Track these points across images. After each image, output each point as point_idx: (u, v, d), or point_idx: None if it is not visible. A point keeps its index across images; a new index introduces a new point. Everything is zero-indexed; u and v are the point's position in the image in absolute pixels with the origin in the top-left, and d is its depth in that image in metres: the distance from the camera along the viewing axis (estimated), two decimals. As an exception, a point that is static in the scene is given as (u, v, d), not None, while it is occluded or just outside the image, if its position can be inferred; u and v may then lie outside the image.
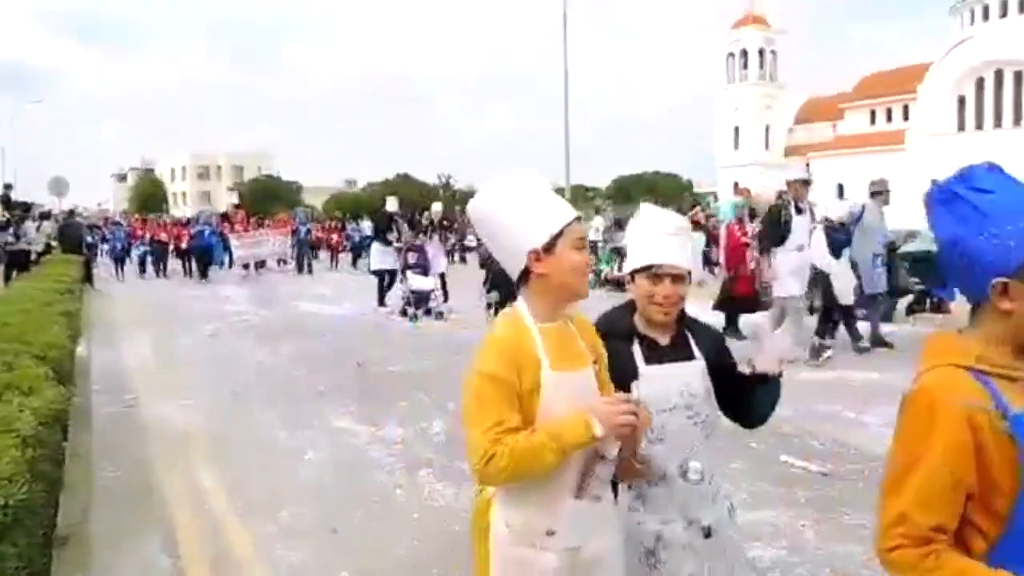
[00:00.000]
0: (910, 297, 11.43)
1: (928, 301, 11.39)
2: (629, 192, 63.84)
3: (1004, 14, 50.83)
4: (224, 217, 23.25)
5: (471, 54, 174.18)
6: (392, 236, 12.05)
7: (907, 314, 11.05)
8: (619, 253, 18.70)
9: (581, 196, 56.46)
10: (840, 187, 60.26)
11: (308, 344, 9.08)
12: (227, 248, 20.07)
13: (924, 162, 52.39)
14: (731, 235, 9.42)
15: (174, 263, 20.90)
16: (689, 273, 1.92)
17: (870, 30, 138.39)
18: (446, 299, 12.10)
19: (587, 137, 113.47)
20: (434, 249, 12.55)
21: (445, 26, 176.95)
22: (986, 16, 52.25)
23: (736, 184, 43.92)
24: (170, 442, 5.24)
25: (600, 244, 18.19)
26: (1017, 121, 49.57)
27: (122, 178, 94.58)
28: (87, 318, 9.85)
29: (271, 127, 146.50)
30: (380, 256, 12.15)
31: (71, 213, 18.92)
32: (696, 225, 13.78)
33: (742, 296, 9.07)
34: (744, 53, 65.23)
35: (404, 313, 11.10)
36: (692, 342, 1.93)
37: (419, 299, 11.05)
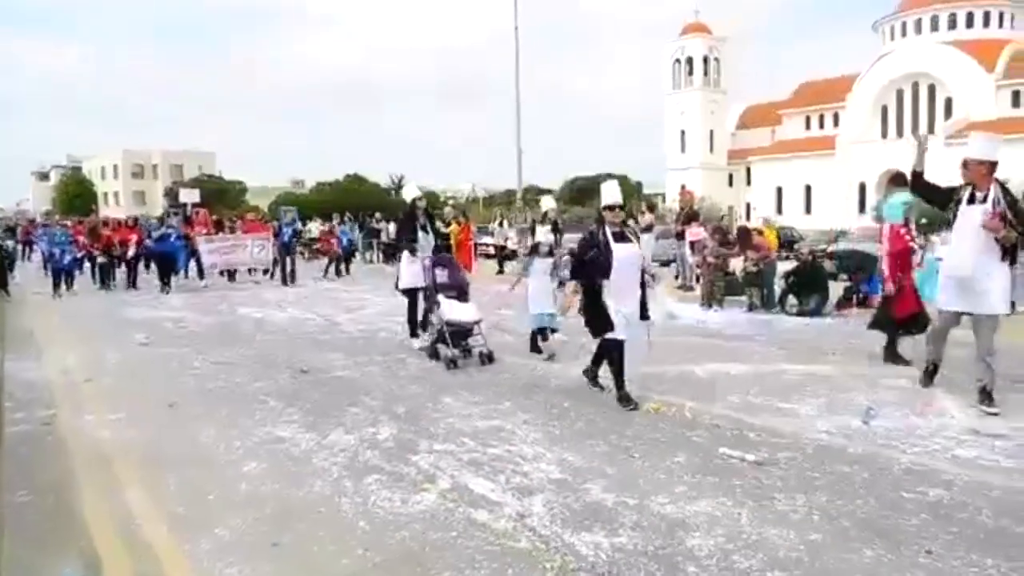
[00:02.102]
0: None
1: (855, 296, 11.92)
2: (581, 194, 64.37)
3: (919, 31, 56.67)
4: (184, 219, 20.74)
5: (423, 54, 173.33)
6: (425, 238, 8.67)
7: (837, 309, 11.51)
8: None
9: (533, 197, 56.75)
10: (779, 189, 62.54)
11: (249, 351, 8.80)
12: (194, 254, 17.70)
13: (852, 167, 55.69)
14: (896, 239, 7.68)
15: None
16: None
17: (806, 41, 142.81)
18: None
19: (539, 139, 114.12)
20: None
21: (396, 26, 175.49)
22: (904, 33, 58.39)
23: (683, 186, 45.12)
24: (94, 460, 4.92)
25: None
26: (931, 130, 53.40)
27: (44, 176, 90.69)
28: (1, 328, 9.31)
29: (211, 125, 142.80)
30: (412, 269, 8.52)
31: None
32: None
33: (904, 317, 7.53)
34: (689, 60, 67.31)
35: (435, 355, 7.89)
36: None
37: (457, 335, 7.72)
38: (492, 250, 22.52)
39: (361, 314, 12.07)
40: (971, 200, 5.70)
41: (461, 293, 8.15)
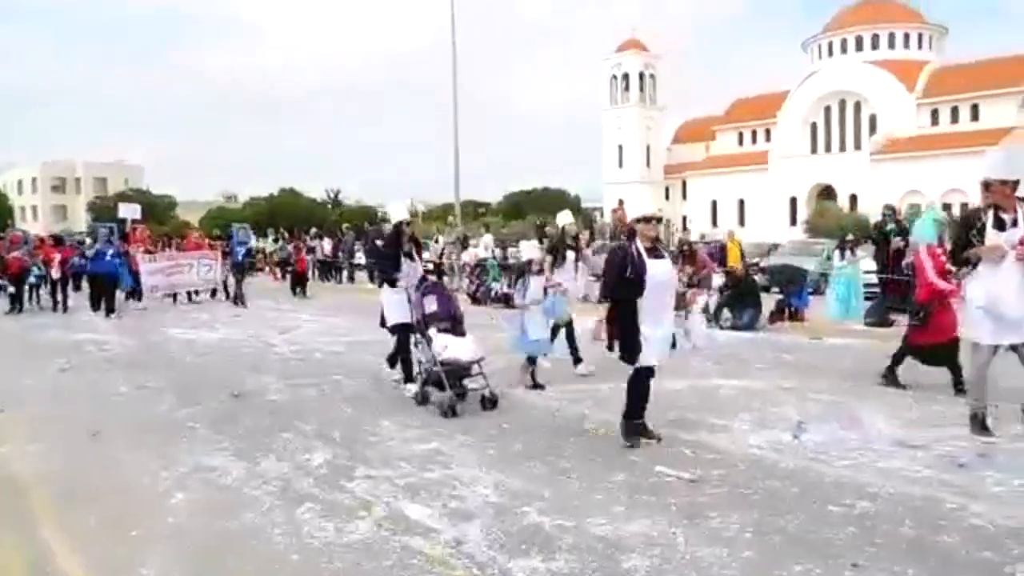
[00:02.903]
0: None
1: (787, 310, 12.28)
2: (520, 208, 64.82)
3: (845, 51, 59.00)
4: (121, 235, 19.12)
5: (359, 66, 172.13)
6: (411, 267, 7.42)
7: (769, 322, 11.82)
8: (507, 270, 18.92)
9: (472, 212, 56.90)
10: (713, 203, 64.13)
11: (178, 375, 8.51)
12: (133, 275, 16.59)
13: (783, 181, 57.61)
14: (935, 260, 6.95)
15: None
16: None
17: (739, 58, 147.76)
18: (577, 359, 7.88)
19: (478, 153, 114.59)
20: (568, 279, 8.13)
21: (330, 35, 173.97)
22: (831, 52, 60.80)
23: (620, 201, 45.81)
24: (7, 494, 4.67)
25: (489, 261, 18.27)
26: (857, 145, 56.52)
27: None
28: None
29: (136, 137, 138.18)
30: (397, 302, 7.30)
31: None
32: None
33: (923, 345, 6.96)
34: (626, 76, 68.59)
35: (425, 400, 6.70)
36: None
37: (453, 375, 6.53)
38: (431, 266, 22.40)
39: (295, 334, 11.83)
40: (1000, 225, 5.16)
41: (456, 325, 6.95)
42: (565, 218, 8.94)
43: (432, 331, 6.76)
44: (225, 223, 36.97)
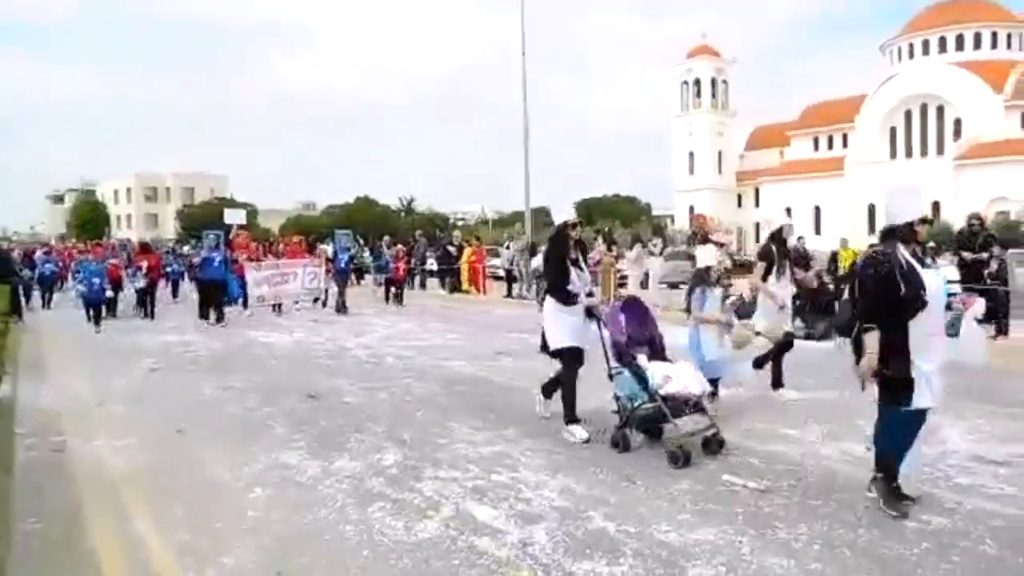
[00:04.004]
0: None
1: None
2: (589, 215, 64.71)
3: (927, 53, 57.01)
4: (225, 241, 18.58)
5: (431, 75, 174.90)
6: (580, 277, 6.05)
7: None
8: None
9: (542, 219, 57.03)
10: (788, 210, 62.53)
11: (258, 376, 8.87)
12: (241, 283, 16.27)
13: (861, 187, 55.64)
14: None
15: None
16: None
17: (813, 62, 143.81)
18: (775, 380, 7.09)
19: (548, 160, 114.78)
20: (783, 289, 7.24)
21: (403, 46, 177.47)
22: (911, 54, 58.40)
23: (691, 208, 45.23)
24: (101, 486, 4.99)
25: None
26: (940, 150, 53.97)
27: (58, 199, 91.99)
28: (13, 354, 9.38)
29: (221, 147, 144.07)
30: (565, 320, 5.99)
31: None
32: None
33: None
34: (697, 82, 67.72)
35: (626, 446, 5.47)
36: None
37: (677, 410, 5.30)
38: (501, 272, 22.59)
39: (369, 338, 12.16)
40: None
41: (655, 351, 5.71)
42: (782, 218, 7.29)
43: (642, 359, 5.51)
44: (304, 230, 37.88)
